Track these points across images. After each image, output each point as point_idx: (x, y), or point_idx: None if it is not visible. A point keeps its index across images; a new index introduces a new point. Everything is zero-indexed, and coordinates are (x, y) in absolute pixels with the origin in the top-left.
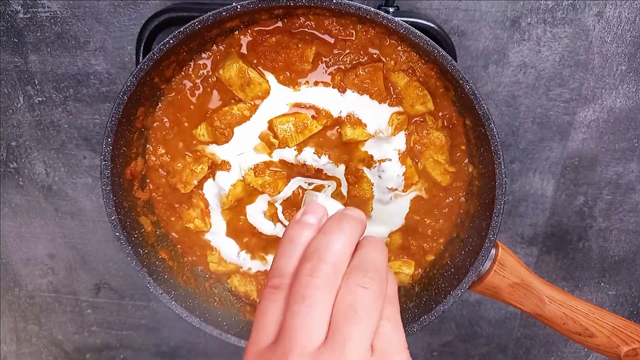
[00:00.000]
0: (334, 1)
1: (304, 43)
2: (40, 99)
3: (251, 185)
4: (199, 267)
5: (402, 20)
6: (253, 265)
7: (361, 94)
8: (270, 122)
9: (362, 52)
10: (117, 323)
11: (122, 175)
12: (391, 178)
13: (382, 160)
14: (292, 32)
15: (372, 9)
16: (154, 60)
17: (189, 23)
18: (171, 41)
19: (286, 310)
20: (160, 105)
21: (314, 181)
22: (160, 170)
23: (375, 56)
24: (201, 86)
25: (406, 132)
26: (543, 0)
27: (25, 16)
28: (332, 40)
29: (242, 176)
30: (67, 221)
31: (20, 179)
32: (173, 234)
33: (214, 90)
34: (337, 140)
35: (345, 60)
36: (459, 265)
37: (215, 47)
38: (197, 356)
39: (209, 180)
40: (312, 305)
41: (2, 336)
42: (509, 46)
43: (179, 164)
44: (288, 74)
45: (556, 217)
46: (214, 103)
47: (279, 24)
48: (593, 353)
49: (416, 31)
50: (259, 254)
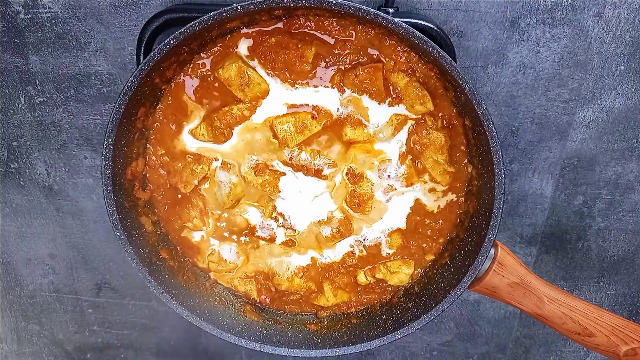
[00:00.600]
0: (334, 2)
1: (304, 43)
2: (41, 99)
3: (252, 184)
4: (199, 268)
5: (402, 21)
6: (251, 264)
7: (361, 94)
8: (270, 122)
9: (362, 53)
10: (118, 322)
11: (123, 175)
12: (391, 178)
13: (383, 160)
14: (292, 33)
15: (372, 10)
16: (155, 60)
17: (190, 24)
18: (172, 42)
19: None
20: (160, 105)
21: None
22: (160, 170)
23: (375, 57)
24: (201, 86)
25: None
26: (542, 0)
27: (26, 17)
28: (332, 40)
29: (243, 175)
30: (68, 221)
31: (21, 179)
32: (173, 234)
33: (214, 90)
34: (338, 140)
35: (345, 60)
36: (459, 264)
37: (215, 48)
38: (197, 356)
39: (210, 180)
40: None
41: (3, 336)
42: (508, 47)
43: (179, 164)
44: (288, 74)
45: (555, 217)
46: (214, 103)
47: (279, 25)
48: (592, 352)
49: (416, 32)
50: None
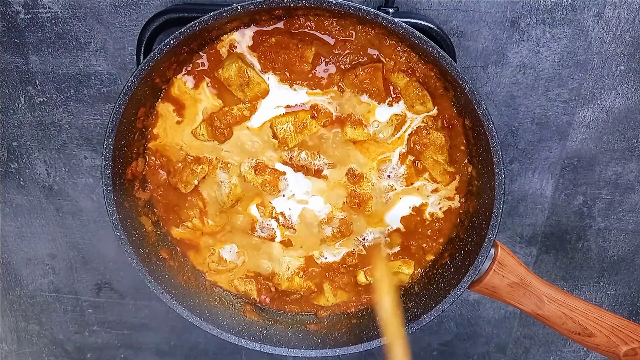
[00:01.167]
0: (334, 2)
1: (304, 43)
2: (41, 100)
3: (252, 183)
4: (199, 268)
5: (402, 21)
6: (252, 264)
7: (360, 94)
8: (269, 122)
9: (362, 53)
10: (118, 322)
11: (123, 175)
12: (391, 178)
13: (382, 160)
14: (292, 33)
15: (372, 10)
16: (155, 60)
17: (190, 24)
18: (172, 42)
19: None
20: (160, 105)
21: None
22: (160, 170)
23: (375, 57)
24: (200, 85)
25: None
26: (542, 0)
27: (26, 17)
28: (332, 41)
29: (243, 174)
30: (68, 221)
31: (21, 179)
32: (172, 234)
33: (213, 90)
34: (338, 140)
35: (345, 60)
36: (459, 264)
37: (214, 48)
38: (197, 356)
39: (209, 179)
40: None
41: (3, 336)
42: (508, 47)
43: (179, 164)
44: (288, 74)
45: (555, 217)
46: (213, 103)
47: (279, 25)
48: (592, 352)
49: (416, 32)
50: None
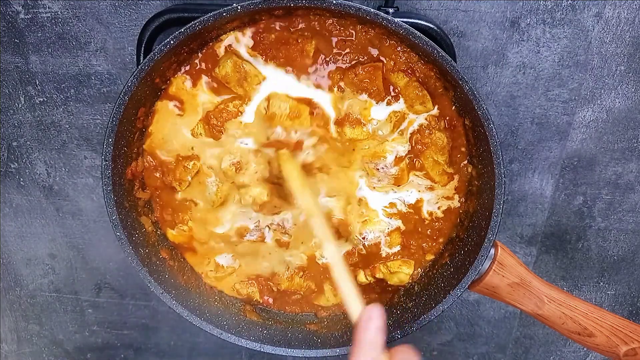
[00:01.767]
0: (334, 2)
1: (304, 38)
2: (41, 99)
3: (233, 182)
4: (197, 269)
5: (402, 21)
6: (250, 267)
7: (360, 93)
8: (270, 96)
9: (362, 52)
10: (118, 322)
11: (123, 175)
12: (382, 178)
13: (377, 157)
14: (292, 29)
15: (372, 10)
16: (155, 60)
17: (190, 24)
18: (172, 42)
19: None
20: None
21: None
22: (156, 173)
23: (375, 56)
24: (198, 84)
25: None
26: (542, 0)
27: (26, 17)
28: (334, 40)
29: (223, 170)
30: (68, 221)
31: (21, 179)
32: (170, 237)
33: (212, 89)
34: (336, 138)
35: (345, 59)
36: (459, 264)
37: (212, 48)
38: (197, 356)
39: (199, 179)
40: None
41: (3, 336)
42: (508, 47)
43: (172, 162)
44: (290, 69)
45: (555, 217)
46: (212, 102)
47: (279, 24)
48: (592, 353)
49: (416, 32)
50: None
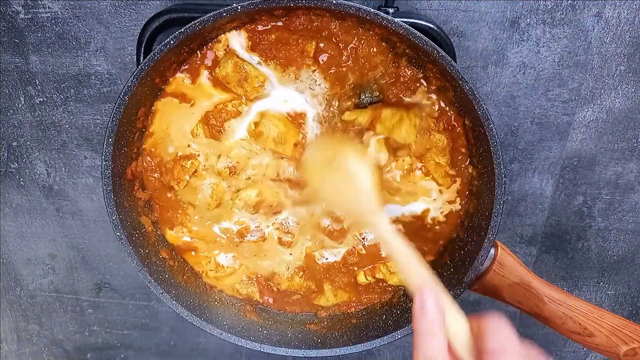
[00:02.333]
0: (334, 2)
1: (304, 39)
2: (41, 100)
3: (229, 186)
4: (197, 269)
5: (402, 21)
6: (250, 266)
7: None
8: (263, 113)
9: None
10: (118, 322)
11: (123, 175)
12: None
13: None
14: (291, 29)
15: (372, 10)
16: (155, 60)
17: (190, 24)
18: (172, 42)
19: None
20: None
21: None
22: (153, 173)
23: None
24: (196, 81)
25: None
26: (542, 0)
27: (26, 17)
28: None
29: (218, 171)
30: (68, 221)
31: (21, 179)
32: (169, 238)
33: (212, 89)
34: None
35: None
36: (458, 264)
37: (211, 48)
38: (197, 356)
39: (196, 181)
40: None
41: (3, 336)
42: (508, 47)
43: (171, 162)
44: (288, 70)
45: (555, 217)
46: (212, 102)
47: (279, 23)
48: (592, 352)
49: (416, 32)
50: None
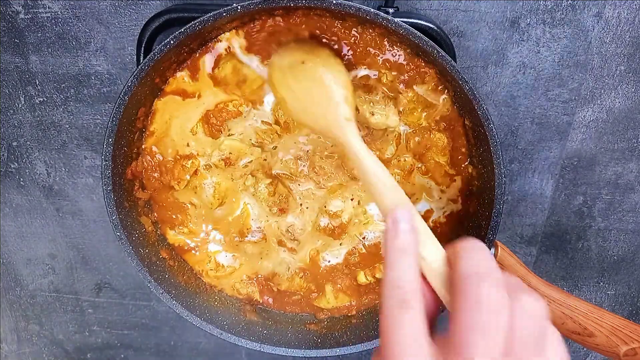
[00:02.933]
0: (334, 2)
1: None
2: (41, 99)
3: (232, 179)
4: (197, 269)
5: (402, 21)
6: (250, 266)
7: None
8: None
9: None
10: (118, 322)
11: (123, 175)
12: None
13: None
14: (289, 29)
15: (372, 10)
16: (155, 60)
17: (190, 24)
18: (172, 42)
19: None
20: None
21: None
22: (154, 172)
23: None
24: (195, 77)
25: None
26: (542, 0)
27: (26, 17)
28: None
29: (213, 164)
30: (68, 221)
31: (21, 179)
32: (169, 238)
33: (212, 89)
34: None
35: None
36: None
37: (210, 49)
38: (198, 356)
39: (197, 179)
40: None
41: (3, 336)
42: (508, 47)
43: (171, 161)
44: None
45: (555, 217)
46: (211, 102)
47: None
48: (592, 352)
49: (416, 32)
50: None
